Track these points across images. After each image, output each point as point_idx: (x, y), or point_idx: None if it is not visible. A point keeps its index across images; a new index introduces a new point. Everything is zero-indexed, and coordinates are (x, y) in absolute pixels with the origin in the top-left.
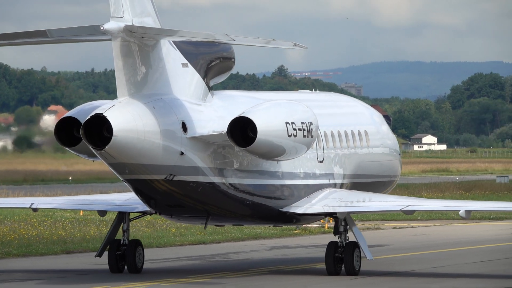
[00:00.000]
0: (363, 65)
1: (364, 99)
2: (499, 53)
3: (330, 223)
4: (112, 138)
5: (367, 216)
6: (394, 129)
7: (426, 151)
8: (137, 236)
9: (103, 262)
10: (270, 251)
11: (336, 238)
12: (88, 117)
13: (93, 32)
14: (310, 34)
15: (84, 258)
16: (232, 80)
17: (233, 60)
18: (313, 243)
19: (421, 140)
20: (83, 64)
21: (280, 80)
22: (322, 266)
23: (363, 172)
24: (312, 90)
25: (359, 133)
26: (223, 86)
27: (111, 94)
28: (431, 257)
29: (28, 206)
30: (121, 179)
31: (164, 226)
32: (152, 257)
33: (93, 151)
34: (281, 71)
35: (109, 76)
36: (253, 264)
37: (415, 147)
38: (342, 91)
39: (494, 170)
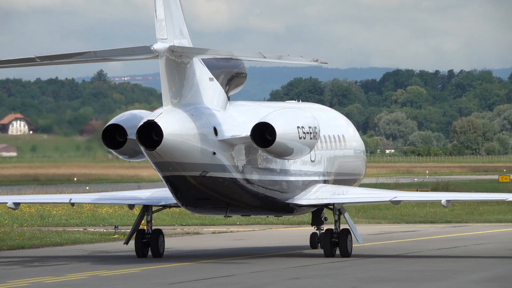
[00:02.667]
0: None
1: None
2: (318, 58)
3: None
4: (162, 141)
5: (186, 221)
6: None
7: None
8: None
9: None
10: (89, 256)
11: (314, 229)
12: (141, 123)
13: (144, 52)
14: (129, 39)
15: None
16: (52, 85)
17: (244, 75)
18: (132, 248)
19: None
20: None
21: (100, 85)
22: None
23: (342, 170)
24: (296, 101)
25: (338, 137)
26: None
27: None
28: (244, 261)
29: (67, 201)
30: (161, 175)
31: None
32: None
33: (144, 151)
34: (100, 76)
35: None
36: (75, 269)
37: None
38: (161, 96)
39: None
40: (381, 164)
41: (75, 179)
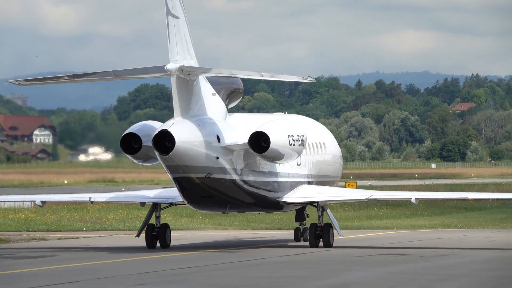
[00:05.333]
0: (29, 76)
1: (30, 110)
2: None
3: None
4: (175, 147)
5: (32, 226)
6: (60, 141)
7: (92, 161)
8: None
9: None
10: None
11: (297, 224)
12: (156, 132)
13: (158, 71)
14: None
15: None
16: None
17: (241, 90)
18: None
19: (88, 151)
20: None
21: None
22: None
23: (323, 173)
24: (283, 113)
25: (320, 144)
26: None
27: None
28: (92, 267)
29: (87, 199)
30: (171, 177)
31: None
32: None
33: (158, 156)
34: None
35: None
36: None
37: (82, 157)
38: (8, 102)
39: (160, 180)
40: None
41: None
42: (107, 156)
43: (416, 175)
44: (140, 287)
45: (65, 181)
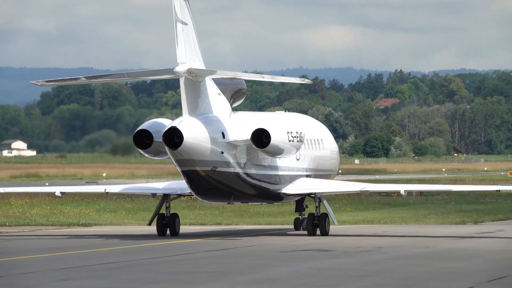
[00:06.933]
0: None
1: None
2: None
3: None
4: (183, 142)
5: None
6: None
7: (15, 156)
8: None
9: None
10: None
11: (296, 214)
12: (166, 129)
13: (168, 73)
14: None
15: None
16: None
17: (244, 90)
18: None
19: (11, 146)
20: None
21: None
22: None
23: (320, 167)
24: (285, 111)
25: (318, 140)
26: None
27: None
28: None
29: (103, 191)
30: (179, 170)
31: None
32: None
33: (168, 151)
34: None
35: None
36: None
37: (5, 153)
38: None
39: (83, 175)
40: (158, 165)
41: None
42: (30, 152)
43: (340, 171)
44: (64, 283)
45: None
